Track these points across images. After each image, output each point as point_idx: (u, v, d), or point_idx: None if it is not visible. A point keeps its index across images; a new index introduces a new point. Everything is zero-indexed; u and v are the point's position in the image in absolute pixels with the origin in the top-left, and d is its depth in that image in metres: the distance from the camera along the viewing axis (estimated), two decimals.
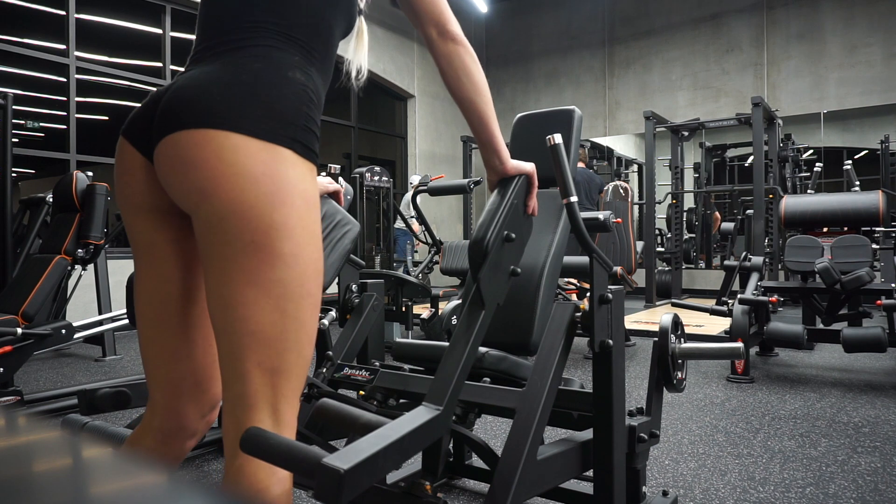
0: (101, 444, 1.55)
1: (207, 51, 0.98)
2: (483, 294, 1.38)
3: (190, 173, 0.87)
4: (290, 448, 1.29)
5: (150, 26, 6.86)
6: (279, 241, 0.87)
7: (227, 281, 0.87)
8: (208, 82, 0.91)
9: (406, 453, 1.22)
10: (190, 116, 0.88)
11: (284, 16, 0.98)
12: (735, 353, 1.73)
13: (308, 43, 1.00)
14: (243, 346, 0.88)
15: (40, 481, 0.32)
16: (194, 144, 0.87)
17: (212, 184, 0.86)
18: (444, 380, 1.35)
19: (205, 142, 0.87)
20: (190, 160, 0.87)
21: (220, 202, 0.86)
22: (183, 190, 0.89)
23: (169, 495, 0.30)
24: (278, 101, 0.91)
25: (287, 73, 0.94)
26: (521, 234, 1.46)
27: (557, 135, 1.43)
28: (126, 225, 1.03)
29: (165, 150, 0.90)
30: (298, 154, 0.92)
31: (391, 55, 9.44)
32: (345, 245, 2.20)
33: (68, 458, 0.36)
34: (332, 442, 1.78)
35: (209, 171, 0.86)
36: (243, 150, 0.86)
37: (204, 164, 0.86)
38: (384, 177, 6.64)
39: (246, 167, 0.86)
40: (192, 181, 0.87)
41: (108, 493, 0.31)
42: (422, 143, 10.00)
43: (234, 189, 0.85)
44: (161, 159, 0.91)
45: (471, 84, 1.20)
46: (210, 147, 0.86)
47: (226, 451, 0.93)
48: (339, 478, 1.03)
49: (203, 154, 0.86)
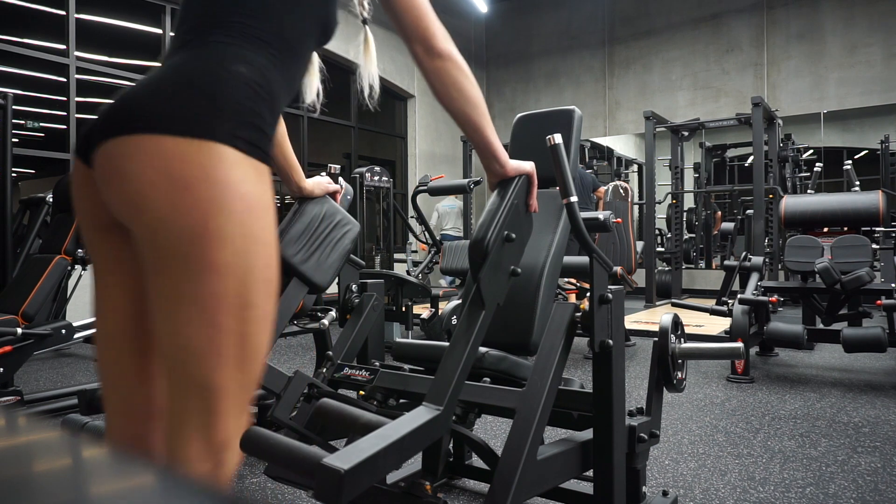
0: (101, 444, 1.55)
1: (169, 53, 0.94)
2: (483, 294, 1.38)
3: (123, 185, 0.82)
4: (291, 448, 1.29)
5: (150, 26, 6.86)
6: (212, 252, 0.81)
7: (159, 295, 0.84)
8: (145, 83, 0.87)
9: (406, 453, 1.22)
10: (120, 122, 0.83)
11: (245, 13, 0.93)
12: (735, 353, 1.73)
13: (267, 39, 0.93)
14: (176, 362, 0.84)
15: (40, 481, 0.32)
16: (123, 154, 0.81)
17: (143, 196, 0.80)
18: (444, 380, 1.35)
19: (135, 150, 0.81)
20: (121, 172, 0.81)
21: (152, 214, 0.80)
22: (118, 203, 0.84)
23: (169, 495, 0.30)
24: (216, 96, 0.84)
25: (230, 67, 0.87)
26: (521, 234, 1.46)
27: (557, 135, 1.43)
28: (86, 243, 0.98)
29: (99, 161, 0.85)
30: (241, 151, 0.84)
31: (391, 55, 9.44)
32: (345, 245, 2.20)
33: (68, 458, 0.36)
34: (332, 442, 1.78)
35: (141, 183, 0.80)
36: (175, 155, 0.80)
37: (135, 176, 0.80)
38: (384, 177, 6.64)
39: (179, 174, 0.79)
40: (125, 194, 0.82)
41: (107, 493, 0.31)
42: (422, 143, 10.00)
43: (166, 200, 0.79)
44: (97, 171, 0.86)
45: (461, 97, 1.20)
46: (140, 156, 0.80)
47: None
48: (339, 478, 1.03)
49: (132, 164, 0.80)
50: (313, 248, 2.12)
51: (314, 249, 2.12)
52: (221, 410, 0.85)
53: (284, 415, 1.83)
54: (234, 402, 0.87)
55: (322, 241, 2.14)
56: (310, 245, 2.11)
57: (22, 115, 6.20)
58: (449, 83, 1.18)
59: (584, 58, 10.15)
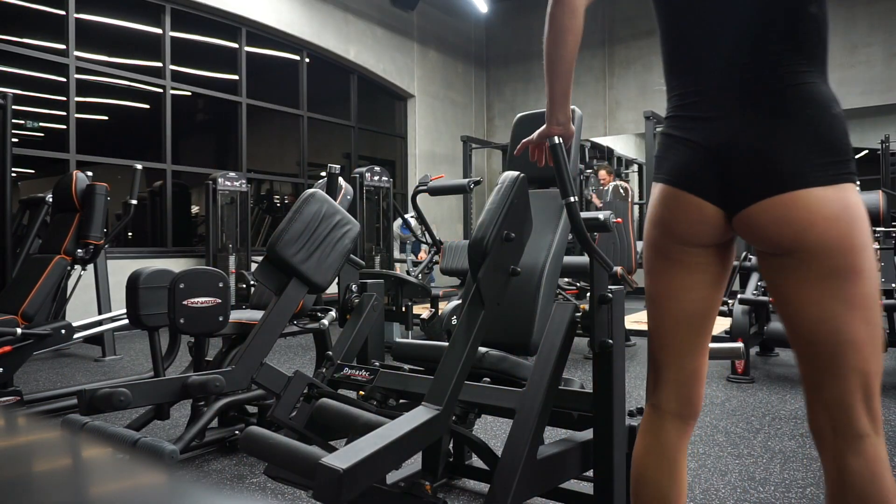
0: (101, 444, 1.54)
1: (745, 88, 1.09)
2: (483, 294, 1.38)
3: (784, 228, 1.06)
4: (290, 448, 1.29)
5: (150, 26, 6.86)
6: (860, 262, 1.04)
7: (819, 300, 1.05)
8: (780, 142, 1.06)
9: (405, 453, 1.22)
10: (777, 182, 1.06)
11: (803, 34, 1.08)
12: (735, 353, 1.73)
13: (822, 56, 1.11)
14: (839, 355, 1.05)
15: (40, 481, 0.32)
16: (784, 205, 1.06)
17: (804, 234, 1.05)
18: (443, 380, 1.35)
19: (793, 202, 1.05)
20: (784, 218, 1.06)
21: (813, 244, 1.05)
22: (775, 239, 1.08)
23: (168, 495, 0.30)
24: (835, 145, 1.06)
25: (832, 110, 1.07)
26: (520, 233, 1.46)
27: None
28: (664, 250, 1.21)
29: (762, 210, 1.08)
30: (853, 182, 1.07)
31: (391, 55, 9.44)
32: (345, 245, 2.20)
33: (68, 458, 0.36)
34: (331, 442, 1.78)
35: (801, 224, 1.05)
36: (823, 199, 1.04)
37: (797, 219, 1.05)
38: (384, 177, 6.64)
39: (828, 212, 1.03)
40: (786, 234, 1.06)
41: (107, 493, 0.31)
42: (422, 143, 10.00)
43: (822, 232, 1.04)
44: (754, 219, 1.10)
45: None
46: (798, 205, 1.05)
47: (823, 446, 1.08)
48: (338, 477, 1.03)
49: (795, 213, 1.05)
50: (313, 248, 2.12)
51: (314, 249, 2.12)
52: (875, 391, 1.06)
53: (284, 415, 1.83)
54: (878, 382, 1.07)
55: (322, 241, 2.14)
56: (310, 245, 2.11)
57: (22, 115, 6.19)
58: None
59: (584, 58, 10.14)
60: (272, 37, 8.00)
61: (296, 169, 8.66)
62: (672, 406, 1.25)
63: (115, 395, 1.91)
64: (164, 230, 6.86)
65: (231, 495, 0.30)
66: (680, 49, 1.22)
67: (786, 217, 1.06)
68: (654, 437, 1.25)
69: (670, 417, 1.25)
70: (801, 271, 1.07)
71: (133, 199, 3.77)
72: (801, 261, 1.07)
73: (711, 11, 1.15)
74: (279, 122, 8.64)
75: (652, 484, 1.23)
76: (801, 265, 1.07)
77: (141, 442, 1.74)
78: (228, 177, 6.69)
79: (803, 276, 1.07)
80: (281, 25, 7.84)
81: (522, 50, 10.70)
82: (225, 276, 2.43)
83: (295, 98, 8.42)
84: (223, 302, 2.39)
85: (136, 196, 3.79)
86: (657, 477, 1.23)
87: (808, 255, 1.06)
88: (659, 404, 1.26)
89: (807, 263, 1.06)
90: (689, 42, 1.20)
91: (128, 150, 6.78)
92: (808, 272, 1.06)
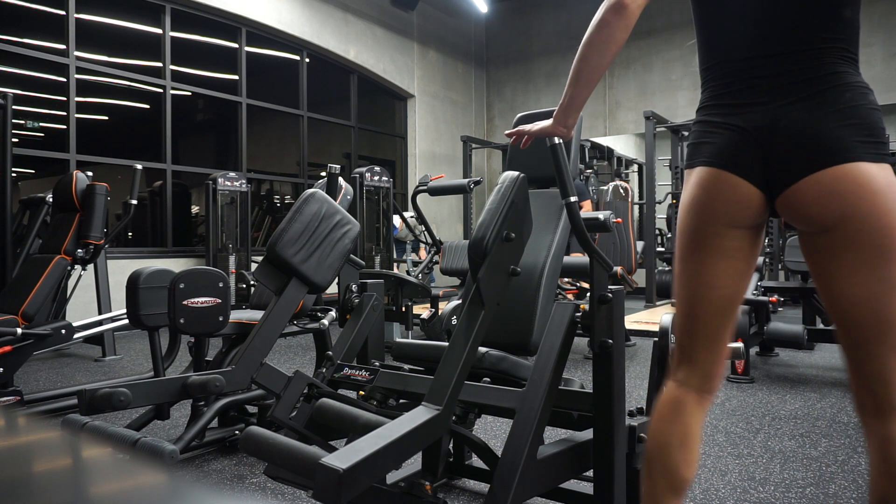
0: (101, 444, 1.54)
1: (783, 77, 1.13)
2: (483, 294, 1.38)
3: (832, 202, 1.09)
4: (290, 448, 1.29)
5: (150, 26, 6.86)
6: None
7: (862, 281, 1.08)
8: (822, 121, 1.10)
9: (405, 453, 1.22)
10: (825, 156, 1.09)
11: (837, 31, 1.11)
12: (735, 353, 1.73)
13: (855, 55, 1.13)
14: (878, 334, 1.09)
15: (40, 481, 0.32)
16: (834, 178, 1.08)
17: (851, 207, 1.07)
18: (443, 380, 1.35)
19: (844, 175, 1.08)
20: (833, 191, 1.08)
21: (859, 220, 1.07)
22: (821, 215, 1.10)
23: (168, 495, 0.30)
24: (876, 127, 1.10)
25: (869, 97, 1.12)
26: (520, 233, 1.46)
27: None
28: (704, 233, 1.22)
29: (808, 186, 1.11)
30: (889, 163, 1.10)
31: (391, 55, 9.44)
32: (345, 245, 2.20)
33: (68, 458, 0.36)
34: (331, 442, 1.78)
35: (849, 198, 1.07)
36: (873, 173, 1.07)
37: (845, 192, 1.08)
38: (384, 177, 6.64)
39: (877, 186, 1.07)
40: (833, 207, 1.09)
41: (107, 493, 0.31)
42: (422, 143, 10.00)
43: (869, 207, 1.07)
44: (800, 196, 1.12)
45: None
46: (849, 178, 1.08)
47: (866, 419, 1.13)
48: (338, 477, 1.03)
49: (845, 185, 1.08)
50: (313, 248, 2.12)
51: (314, 249, 2.12)
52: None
53: (284, 415, 1.83)
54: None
55: (322, 241, 2.14)
56: (310, 245, 2.11)
57: (22, 115, 6.19)
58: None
59: None
60: (272, 37, 8.00)
61: (296, 169, 8.66)
62: (694, 382, 1.28)
63: (115, 395, 1.91)
64: (164, 230, 6.86)
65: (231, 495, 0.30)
66: (717, 40, 1.24)
67: (836, 190, 1.08)
68: (672, 407, 1.28)
69: (691, 391, 1.28)
70: (844, 250, 1.10)
71: (133, 199, 3.78)
72: (844, 238, 1.09)
73: (749, 5, 1.19)
74: (279, 122, 8.64)
75: (665, 450, 1.25)
76: (844, 243, 1.09)
77: (141, 442, 1.74)
78: (228, 177, 6.69)
79: (846, 255, 1.09)
80: (281, 25, 7.85)
81: (522, 50, 10.70)
82: (225, 276, 2.43)
83: (295, 98, 8.42)
84: (223, 302, 2.39)
85: (136, 196, 3.79)
86: (671, 442, 1.25)
87: (854, 230, 1.08)
88: (682, 380, 1.29)
89: (851, 239, 1.09)
90: (726, 33, 1.22)
91: (128, 150, 6.78)
92: (850, 251, 1.09)
